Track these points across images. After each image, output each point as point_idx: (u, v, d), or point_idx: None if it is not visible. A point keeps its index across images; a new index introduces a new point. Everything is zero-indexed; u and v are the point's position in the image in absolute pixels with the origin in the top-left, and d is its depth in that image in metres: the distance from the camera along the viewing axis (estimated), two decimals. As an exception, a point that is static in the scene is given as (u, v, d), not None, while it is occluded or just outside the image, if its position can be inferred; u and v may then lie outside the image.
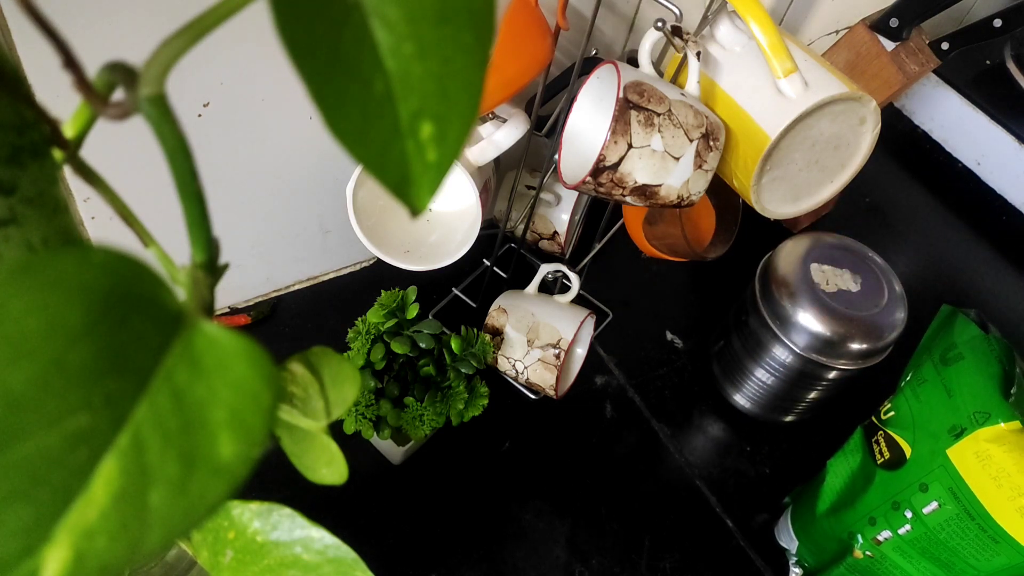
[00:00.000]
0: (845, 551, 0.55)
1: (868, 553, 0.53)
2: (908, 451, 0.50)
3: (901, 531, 0.50)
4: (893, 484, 0.51)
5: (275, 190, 0.62)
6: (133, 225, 0.19)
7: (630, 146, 0.46)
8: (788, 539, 0.62)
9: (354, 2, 0.14)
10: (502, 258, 0.75)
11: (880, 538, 0.52)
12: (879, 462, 0.53)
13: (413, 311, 0.58)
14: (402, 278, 0.61)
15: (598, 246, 0.67)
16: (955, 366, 0.50)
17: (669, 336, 0.76)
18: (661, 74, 0.53)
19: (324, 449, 0.23)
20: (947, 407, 0.49)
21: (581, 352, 0.70)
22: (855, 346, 0.60)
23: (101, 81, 0.15)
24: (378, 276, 0.74)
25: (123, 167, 0.51)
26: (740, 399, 0.70)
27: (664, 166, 0.47)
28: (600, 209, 0.70)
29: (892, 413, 0.53)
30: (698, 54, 0.49)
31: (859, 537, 0.53)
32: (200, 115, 0.52)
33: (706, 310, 0.79)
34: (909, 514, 0.49)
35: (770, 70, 0.48)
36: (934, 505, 0.48)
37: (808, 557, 0.61)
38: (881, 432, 0.54)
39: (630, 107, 0.45)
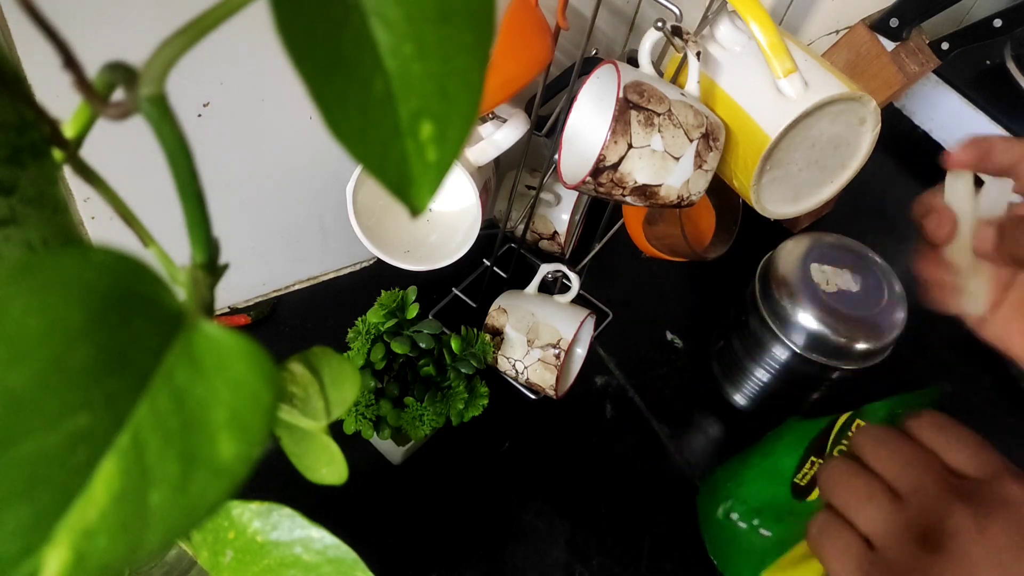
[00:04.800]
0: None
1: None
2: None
3: None
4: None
5: (275, 190, 0.62)
6: (133, 225, 0.19)
7: (630, 146, 0.46)
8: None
9: (354, 2, 0.14)
10: (502, 258, 0.75)
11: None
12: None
13: (413, 311, 0.58)
14: (402, 278, 0.61)
15: (598, 246, 0.67)
16: None
17: (669, 336, 0.76)
18: (661, 74, 0.53)
19: (324, 449, 0.23)
20: None
21: (581, 352, 0.70)
22: (855, 346, 0.60)
23: (101, 81, 0.15)
24: (378, 276, 0.74)
25: (123, 167, 0.51)
26: (740, 399, 0.70)
27: (664, 166, 0.47)
28: (600, 209, 0.70)
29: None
30: (698, 54, 0.49)
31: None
32: (200, 115, 0.52)
33: (706, 310, 0.79)
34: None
35: (770, 70, 0.47)
36: None
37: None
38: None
39: (630, 107, 0.45)
